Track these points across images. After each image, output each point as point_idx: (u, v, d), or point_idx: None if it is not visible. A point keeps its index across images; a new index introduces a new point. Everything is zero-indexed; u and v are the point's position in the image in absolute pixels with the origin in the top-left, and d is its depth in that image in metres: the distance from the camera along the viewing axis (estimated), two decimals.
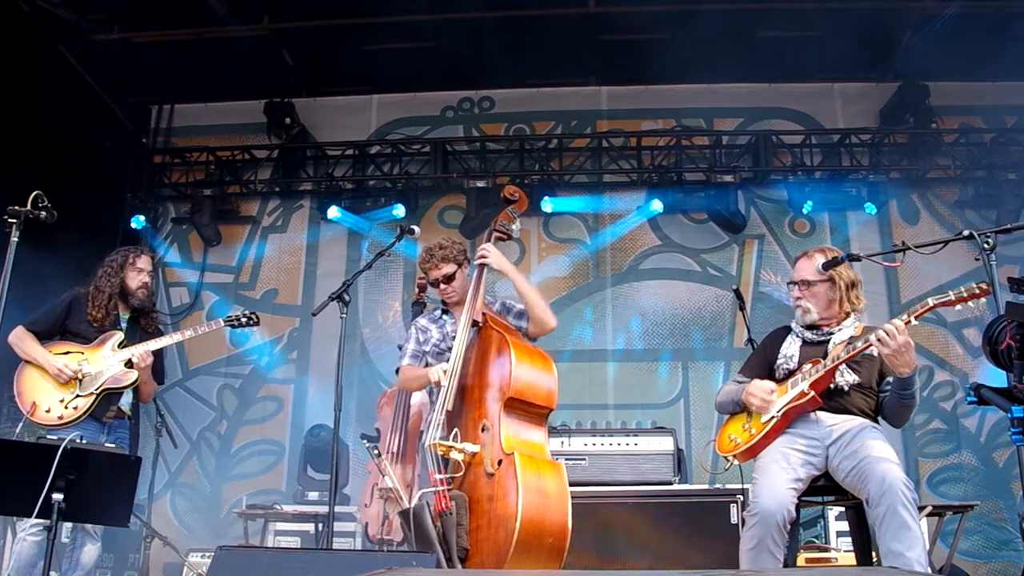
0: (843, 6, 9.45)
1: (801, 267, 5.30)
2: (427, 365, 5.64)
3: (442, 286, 5.73)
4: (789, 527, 4.75)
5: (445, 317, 5.78)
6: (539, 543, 4.53)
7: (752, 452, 5.10)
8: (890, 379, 4.94)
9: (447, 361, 5.25)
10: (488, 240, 5.65)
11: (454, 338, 5.35)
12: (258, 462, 10.28)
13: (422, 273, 5.97)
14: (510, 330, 5.35)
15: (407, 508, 4.89)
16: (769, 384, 5.19)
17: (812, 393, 4.91)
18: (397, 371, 5.92)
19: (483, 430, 4.91)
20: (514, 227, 5.75)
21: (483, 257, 5.51)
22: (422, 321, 5.92)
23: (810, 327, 5.25)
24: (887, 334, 4.61)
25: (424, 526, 4.70)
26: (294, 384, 10.51)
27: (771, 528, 4.69)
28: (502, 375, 4.98)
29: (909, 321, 4.65)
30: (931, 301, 4.56)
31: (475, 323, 5.31)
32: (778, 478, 4.83)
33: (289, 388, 10.52)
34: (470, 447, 4.87)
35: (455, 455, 4.87)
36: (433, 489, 4.87)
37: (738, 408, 5.37)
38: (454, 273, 5.70)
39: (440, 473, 4.92)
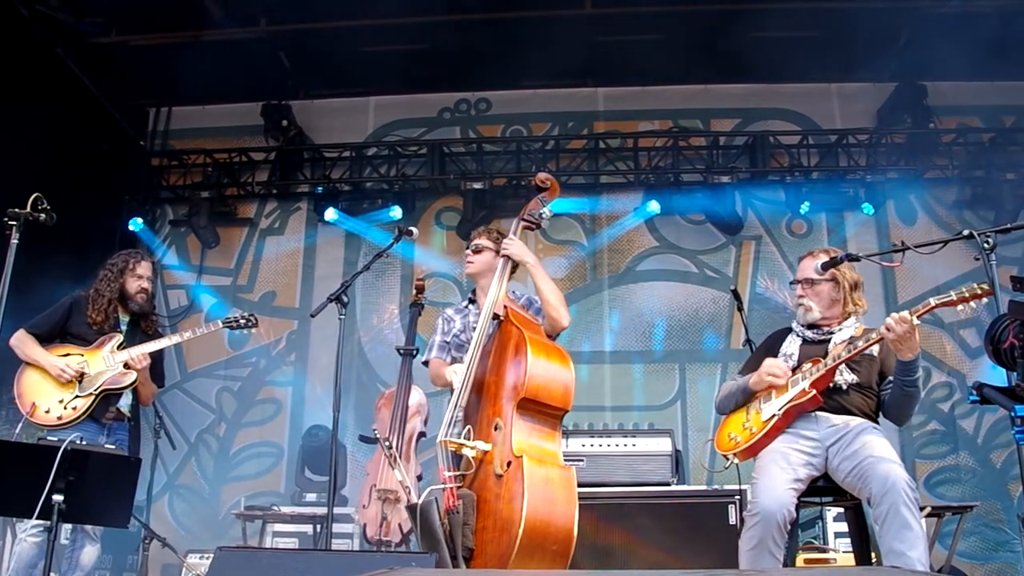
0: (840, 6, 9.46)
1: (804, 266, 5.30)
2: (452, 358, 5.74)
3: (468, 252, 5.90)
4: (789, 527, 4.75)
5: (470, 307, 5.86)
6: (542, 549, 4.48)
7: (752, 451, 5.10)
8: (891, 377, 4.95)
9: (466, 353, 5.26)
10: (515, 229, 5.64)
11: (475, 329, 5.35)
12: (257, 464, 10.30)
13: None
14: (530, 325, 5.27)
15: (415, 503, 4.86)
16: (780, 360, 5.21)
17: (813, 392, 4.91)
18: (426, 363, 6.00)
19: (496, 428, 4.84)
20: (544, 216, 5.71)
21: (504, 248, 5.52)
22: (449, 311, 6.02)
23: (811, 326, 5.26)
24: (894, 321, 4.62)
25: (431, 523, 4.68)
26: (292, 386, 10.52)
27: (771, 528, 4.69)
28: (517, 374, 4.91)
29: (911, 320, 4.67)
30: (933, 301, 4.56)
31: (496, 316, 5.29)
32: (778, 478, 4.83)
33: (287, 390, 10.53)
34: (481, 445, 4.79)
35: (466, 452, 4.82)
36: (442, 486, 4.81)
37: (744, 398, 5.36)
38: (483, 249, 5.83)
39: (450, 470, 4.86)
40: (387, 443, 5.68)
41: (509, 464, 4.65)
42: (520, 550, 4.37)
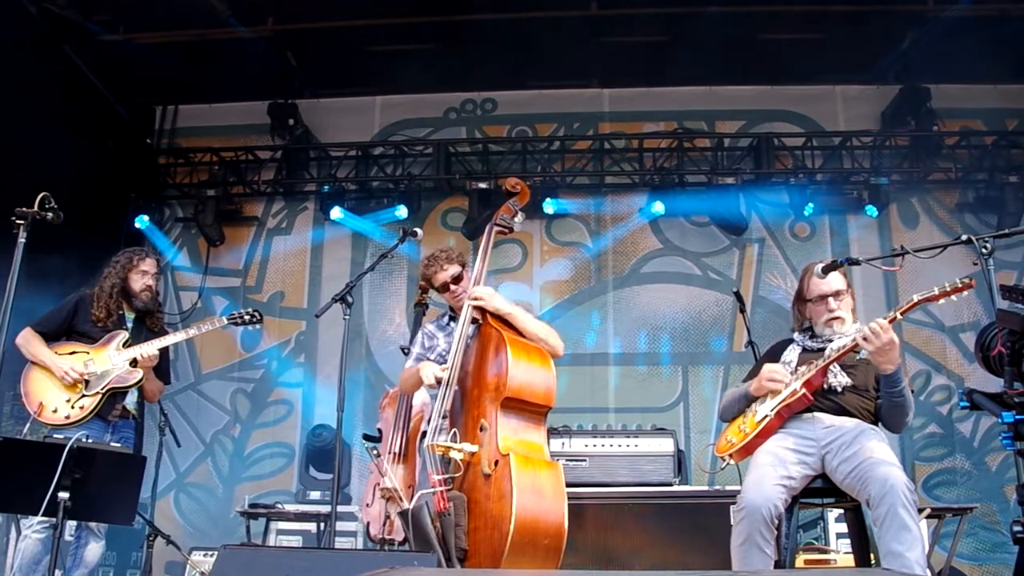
0: (844, 8, 9.48)
1: (831, 279, 5.25)
2: None
3: (451, 287, 5.72)
4: (777, 523, 4.77)
5: (452, 324, 5.74)
6: (534, 545, 4.54)
7: (747, 450, 5.13)
8: None
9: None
10: (488, 235, 5.62)
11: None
12: (271, 464, 10.36)
13: (426, 284, 5.96)
14: (508, 327, 5.32)
15: (406, 509, 4.90)
16: (779, 365, 5.23)
17: (803, 391, 4.94)
18: None
19: (482, 430, 4.89)
20: (516, 220, 5.65)
21: (478, 299, 5.34)
22: (430, 327, 5.94)
23: (812, 335, 5.30)
24: (872, 332, 4.65)
25: (423, 527, 4.71)
26: (303, 387, 10.55)
27: (758, 523, 4.72)
28: (499, 374, 4.96)
29: (895, 318, 4.70)
30: (916, 297, 4.60)
31: (474, 320, 5.32)
32: (766, 474, 4.87)
33: (298, 391, 10.55)
34: (468, 447, 4.84)
35: (454, 455, 4.86)
36: (432, 490, 4.86)
37: (746, 404, 5.39)
38: (460, 273, 5.74)
39: (439, 474, 4.90)
40: (375, 451, 5.71)
41: (496, 463, 4.71)
42: (512, 547, 4.42)
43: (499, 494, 4.61)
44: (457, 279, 5.73)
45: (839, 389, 5.05)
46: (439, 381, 5.19)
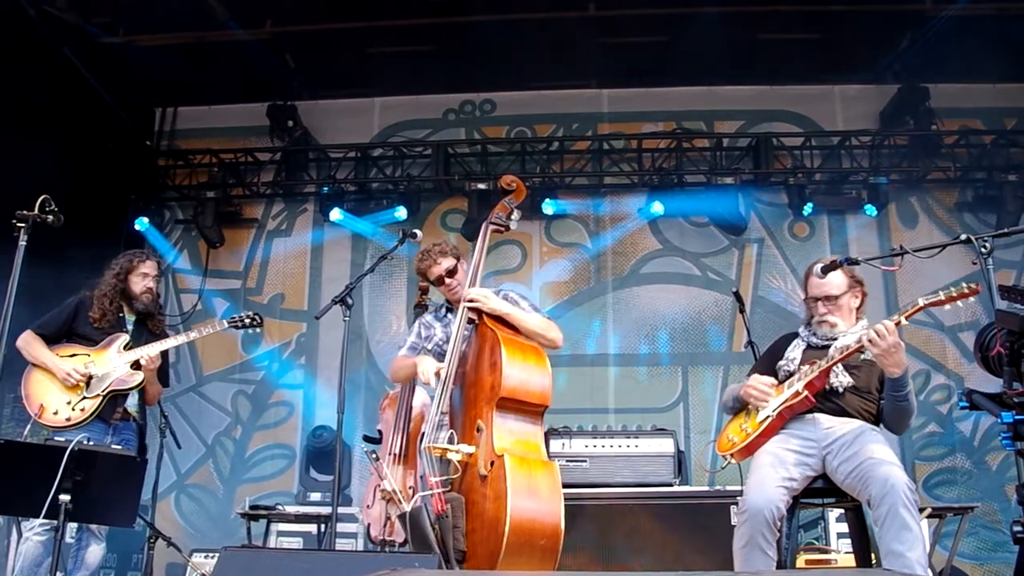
0: (843, 8, 9.48)
1: (821, 282, 5.29)
2: None
3: (447, 281, 5.69)
4: (779, 524, 4.78)
5: (450, 315, 5.73)
6: (530, 545, 4.51)
7: (748, 450, 5.14)
8: None
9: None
10: (484, 234, 5.59)
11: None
12: (271, 466, 10.37)
13: (422, 277, 5.96)
14: (505, 326, 5.29)
15: (404, 511, 4.89)
16: (768, 378, 5.24)
17: (805, 393, 4.95)
18: None
19: (478, 430, 4.87)
20: (512, 219, 5.61)
21: (474, 301, 5.32)
22: (428, 317, 5.94)
23: (815, 332, 5.30)
24: (877, 334, 4.66)
25: (422, 529, 4.70)
26: (303, 389, 10.56)
27: (760, 525, 4.73)
28: (494, 374, 4.94)
29: (900, 321, 4.70)
30: (921, 301, 4.61)
31: (471, 320, 5.31)
32: (768, 476, 4.88)
33: (299, 393, 10.56)
34: (465, 448, 4.82)
35: (452, 456, 4.83)
36: (430, 492, 4.84)
37: (740, 405, 5.41)
38: (455, 266, 5.70)
39: (437, 475, 4.88)
40: (374, 455, 5.70)
41: (492, 464, 4.68)
42: (508, 547, 4.40)
43: (495, 495, 4.58)
44: (452, 272, 5.69)
45: (840, 390, 5.06)
46: (437, 375, 5.19)
